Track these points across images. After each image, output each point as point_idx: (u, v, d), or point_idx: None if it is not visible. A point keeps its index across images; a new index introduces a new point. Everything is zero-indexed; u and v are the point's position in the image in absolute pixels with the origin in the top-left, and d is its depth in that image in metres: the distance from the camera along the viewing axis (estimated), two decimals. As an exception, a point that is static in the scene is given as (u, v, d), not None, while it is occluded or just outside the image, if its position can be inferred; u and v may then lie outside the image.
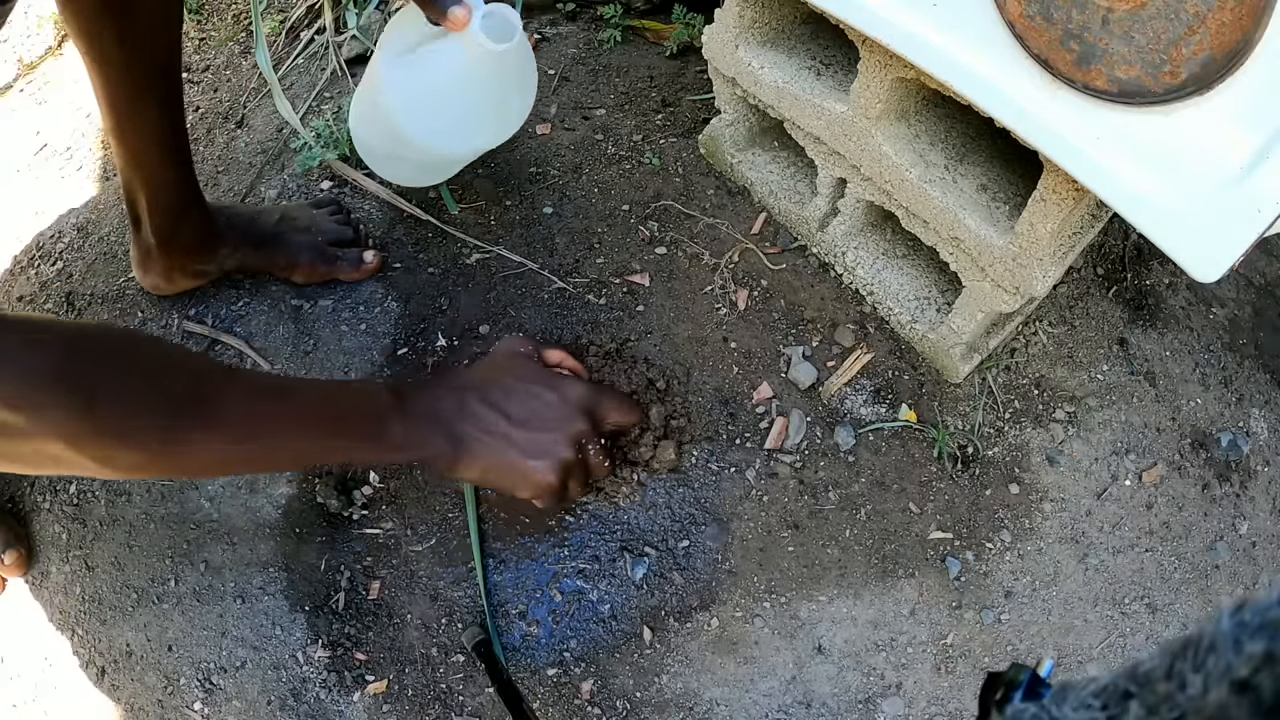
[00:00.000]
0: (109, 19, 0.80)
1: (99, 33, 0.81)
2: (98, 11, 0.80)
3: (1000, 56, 0.63)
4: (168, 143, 0.92)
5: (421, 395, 0.76)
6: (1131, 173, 0.60)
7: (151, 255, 1.00)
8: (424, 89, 0.87)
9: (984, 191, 0.83)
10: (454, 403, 0.77)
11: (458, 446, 0.76)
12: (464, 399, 0.77)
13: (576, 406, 0.81)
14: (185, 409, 0.60)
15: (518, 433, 0.77)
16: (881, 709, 0.85)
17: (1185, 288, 1.05)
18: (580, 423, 0.80)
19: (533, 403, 0.79)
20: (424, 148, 0.90)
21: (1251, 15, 0.51)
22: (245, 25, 1.36)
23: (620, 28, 1.23)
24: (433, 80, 0.87)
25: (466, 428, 0.76)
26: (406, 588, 0.90)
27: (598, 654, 0.87)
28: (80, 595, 0.95)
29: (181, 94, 0.93)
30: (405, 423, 0.73)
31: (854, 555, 0.90)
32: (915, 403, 0.95)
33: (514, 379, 0.81)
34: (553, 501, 0.81)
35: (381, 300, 1.04)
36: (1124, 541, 0.92)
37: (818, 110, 0.87)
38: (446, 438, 0.75)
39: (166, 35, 0.87)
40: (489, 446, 0.76)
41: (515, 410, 0.78)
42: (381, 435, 0.72)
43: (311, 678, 0.88)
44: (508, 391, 0.79)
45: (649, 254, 1.04)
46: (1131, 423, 0.96)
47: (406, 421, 0.74)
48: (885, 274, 0.98)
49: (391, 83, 0.86)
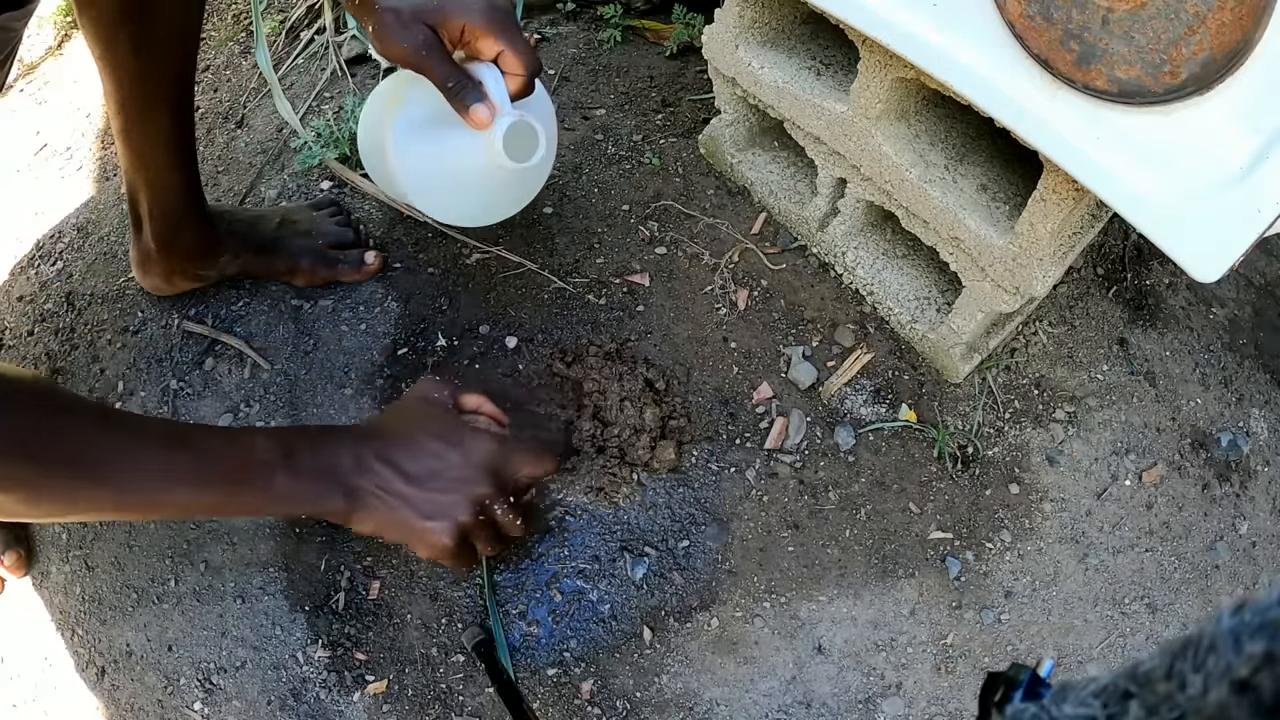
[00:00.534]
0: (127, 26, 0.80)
1: (115, 39, 0.81)
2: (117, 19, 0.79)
3: (1000, 56, 0.63)
4: (174, 148, 0.92)
5: (315, 448, 0.73)
6: (1131, 173, 0.60)
7: (151, 258, 1.00)
8: (438, 172, 0.83)
9: (984, 191, 0.83)
10: (350, 457, 0.74)
11: (352, 501, 0.73)
12: (361, 454, 0.74)
13: (480, 466, 0.77)
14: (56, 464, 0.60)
15: (414, 492, 0.74)
16: (881, 709, 0.85)
17: (1185, 288, 1.05)
18: (481, 485, 0.76)
19: (432, 462, 0.75)
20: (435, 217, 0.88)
21: (1251, 15, 0.51)
22: (245, 25, 1.36)
23: (620, 28, 1.23)
24: (447, 166, 0.82)
25: (362, 482, 0.73)
26: (406, 588, 0.90)
27: (598, 654, 0.87)
28: (80, 595, 0.95)
29: (192, 101, 0.92)
30: (293, 476, 0.71)
31: (854, 555, 0.90)
32: (915, 403, 0.95)
33: (419, 432, 0.77)
34: (454, 563, 0.79)
35: (381, 300, 1.04)
36: (1124, 541, 0.92)
37: (818, 110, 0.87)
38: (341, 492, 0.73)
39: (183, 45, 0.86)
40: (384, 502, 0.74)
41: (413, 468, 0.75)
42: (267, 488, 0.70)
43: (311, 678, 0.88)
44: (408, 447, 0.76)
45: (649, 254, 1.04)
46: (1131, 423, 0.96)
47: (295, 475, 0.71)
48: (885, 274, 0.98)
49: (403, 155, 0.82)
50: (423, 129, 0.81)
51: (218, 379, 1.01)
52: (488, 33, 0.74)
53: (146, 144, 0.90)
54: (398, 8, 0.73)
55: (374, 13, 0.73)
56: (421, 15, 0.73)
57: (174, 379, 1.02)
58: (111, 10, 0.79)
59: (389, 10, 0.73)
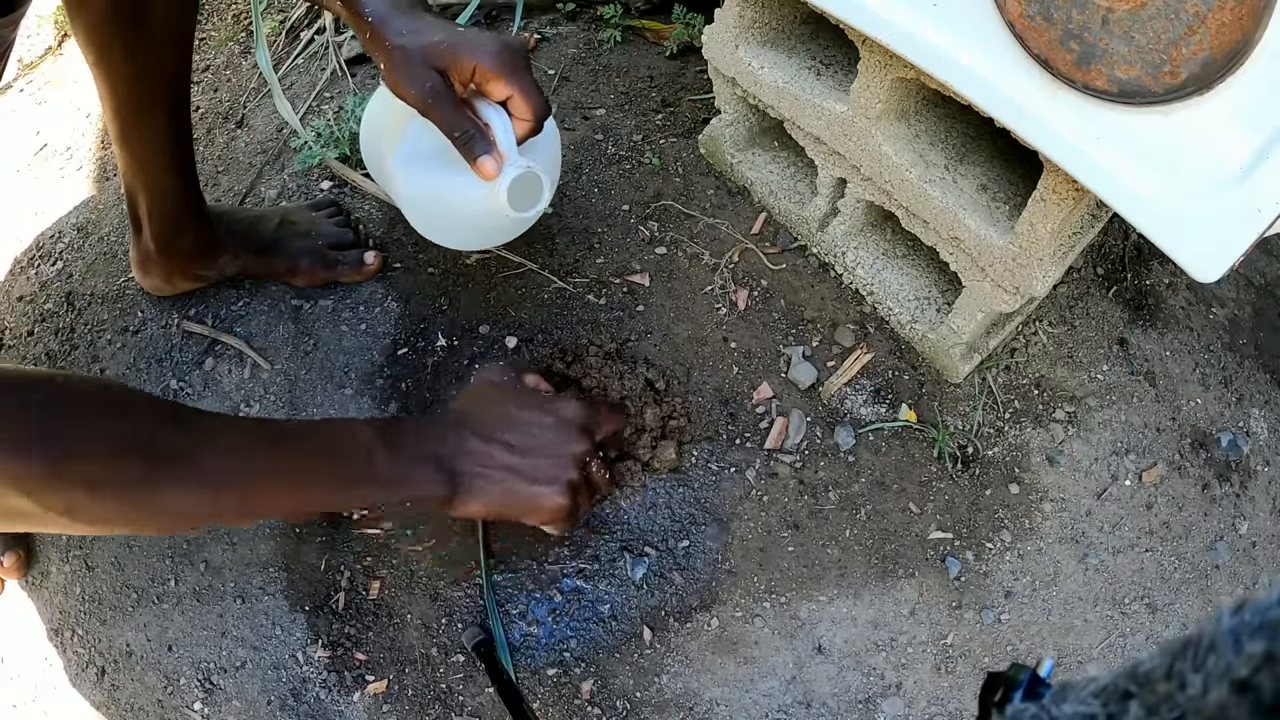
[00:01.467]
0: (119, 31, 0.79)
1: (109, 45, 0.80)
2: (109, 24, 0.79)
3: (1000, 56, 0.63)
4: (172, 151, 0.92)
5: (411, 432, 0.74)
6: (1131, 173, 0.60)
7: (151, 259, 1.00)
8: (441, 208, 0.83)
9: (984, 191, 0.83)
10: (453, 439, 0.74)
11: (454, 485, 0.73)
12: (461, 435, 0.74)
13: (573, 426, 0.79)
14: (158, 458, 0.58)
15: (519, 461, 0.75)
16: (881, 709, 0.85)
17: (1185, 288, 1.05)
18: (580, 443, 0.78)
19: (531, 430, 0.77)
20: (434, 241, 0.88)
21: (1251, 15, 0.51)
22: (245, 25, 1.36)
23: (620, 28, 1.23)
24: (451, 204, 0.82)
25: (465, 464, 0.73)
26: (406, 588, 0.90)
27: (598, 654, 0.87)
28: (80, 595, 0.95)
29: (189, 104, 0.92)
30: (394, 461, 0.70)
31: (854, 555, 0.90)
32: (915, 403, 0.95)
33: (506, 407, 0.78)
34: (567, 524, 0.79)
35: (381, 300, 1.04)
36: (1124, 541, 0.92)
37: (818, 110, 0.87)
38: (443, 476, 0.72)
39: (177, 49, 0.86)
40: (489, 479, 0.74)
41: (515, 440, 0.76)
42: (369, 476, 0.69)
43: (311, 678, 0.88)
44: (503, 421, 0.77)
45: (649, 254, 1.04)
46: (1131, 423, 0.96)
47: (395, 460, 0.70)
48: (885, 274, 0.98)
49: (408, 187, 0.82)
50: (428, 164, 0.81)
51: (218, 379, 1.01)
52: (498, 76, 0.73)
53: (144, 148, 0.90)
54: (407, 47, 0.71)
55: (385, 50, 0.72)
56: (432, 58, 0.71)
57: (174, 379, 1.02)
58: (104, 16, 0.78)
59: (399, 49, 0.71)
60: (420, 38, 0.71)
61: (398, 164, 0.81)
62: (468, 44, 0.72)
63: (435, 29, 0.72)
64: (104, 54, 0.81)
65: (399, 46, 0.71)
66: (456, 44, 0.72)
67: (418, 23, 0.72)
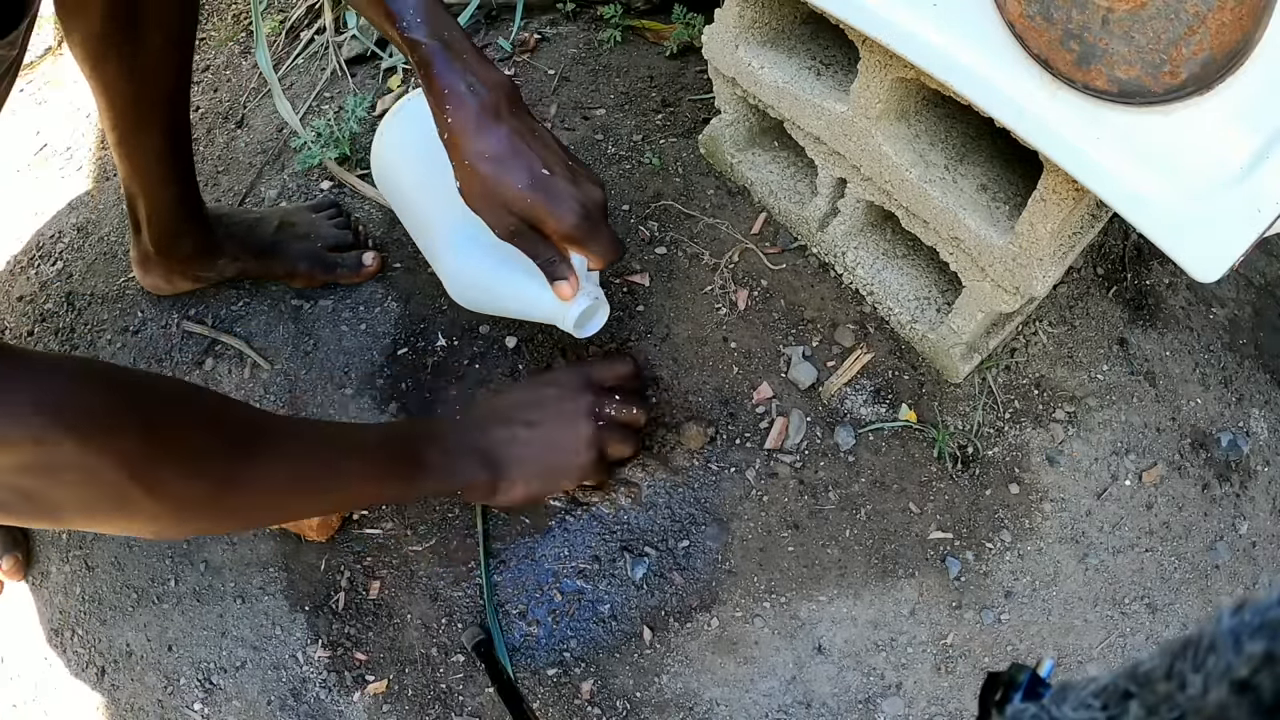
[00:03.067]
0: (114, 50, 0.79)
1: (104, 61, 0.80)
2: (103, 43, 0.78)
3: (1000, 56, 0.63)
4: (169, 163, 0.92)
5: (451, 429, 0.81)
6: (1131, 173, 0.60)
7: (150, 259, 1.01)
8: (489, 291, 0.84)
9: (984, 191, 0.83)
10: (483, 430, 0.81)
11: (496, 472, 0.80)
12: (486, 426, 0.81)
13: (573, 385, 0.84)
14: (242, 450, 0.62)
15: (538, 434, 0.81)
16: (881, 709, 0.85)
17: (1185, 288, 1.05)
18: (585, 395, 0.83)
19: (538, 403, 0.83)
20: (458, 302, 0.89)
21: (1251, 15, 0.51)
22: (245, 25, 1.36)
23: (620, 28, 1.23)
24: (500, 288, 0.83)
25: (500, 451, 0.80)
26: (406, 588, 0.90)
27: (598, 654, 0.87)
28: (80, 595, 0.95)
29: (188, 116, 0.92)
30: (446, 455, 0.78)
31: (854, 555, 0.90)
32: (915, 403, 0.95)
33: (513, 393, 0.85)
34: (602, 473, 0.85)
35: (381, 300, 1.04)
36: (1124, 541, 0.92)
37: (818, 110, 0.87)
38: (485, 466, 0.79)
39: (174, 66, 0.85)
40: (522, 458, 0.80)
41: (530, 415, 0.82)
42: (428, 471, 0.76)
43: (311, 678, 0.88)
44: (515, 405, 0.83)
45: (649, 254, 1.04)
46: (1131, 423, 0.96)
47: (448, 453, 0.78)
48: (885, 274, 0.98)
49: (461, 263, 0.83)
50: (482, 244, 0.79)
51: (218, 379, 1.01)
52: (579, 241, 0.72)
53: (141, 159, 0.90)
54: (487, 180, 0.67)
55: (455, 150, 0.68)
56: (512, 203, 0.68)
57: (174, 379, 1.02)
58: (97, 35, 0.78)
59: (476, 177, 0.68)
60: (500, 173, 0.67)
61: (451, 236, 0.83)
62: (550, 202, 0.69)
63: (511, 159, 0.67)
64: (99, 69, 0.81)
65: (475, 172, 0.68)
66: (538, 203, 0.69)
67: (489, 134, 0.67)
